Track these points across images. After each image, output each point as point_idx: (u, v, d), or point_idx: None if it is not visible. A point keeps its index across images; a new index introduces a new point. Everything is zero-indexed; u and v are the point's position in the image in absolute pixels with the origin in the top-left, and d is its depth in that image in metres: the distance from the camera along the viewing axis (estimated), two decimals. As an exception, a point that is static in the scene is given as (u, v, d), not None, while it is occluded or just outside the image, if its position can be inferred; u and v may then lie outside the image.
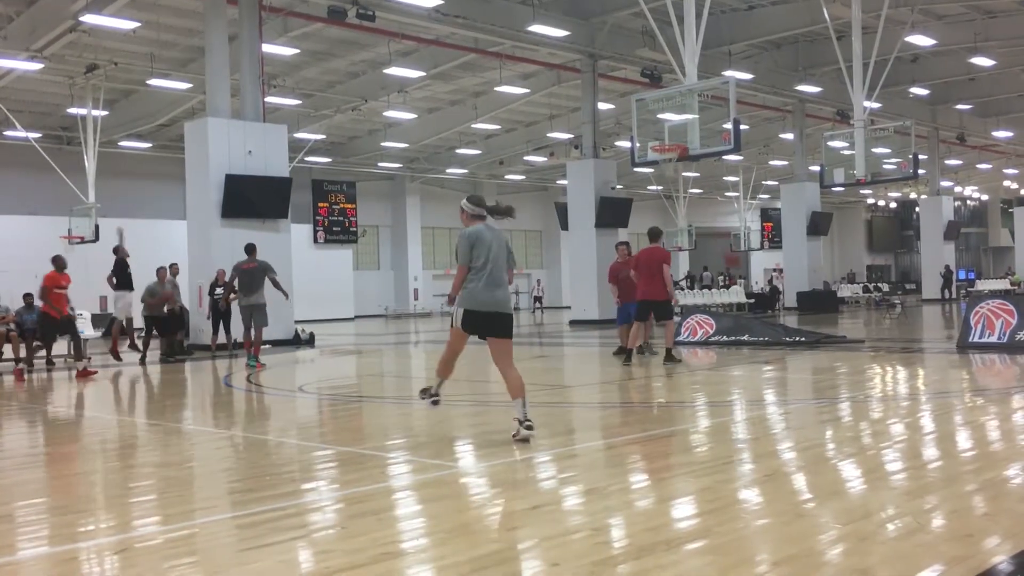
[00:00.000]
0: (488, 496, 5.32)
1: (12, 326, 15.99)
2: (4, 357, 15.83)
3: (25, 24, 21.97)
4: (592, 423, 8.43)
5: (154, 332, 16.76)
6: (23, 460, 7.25)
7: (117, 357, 16.37)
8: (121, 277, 16.28)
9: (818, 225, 34.62)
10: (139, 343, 16.48)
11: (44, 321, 14.46)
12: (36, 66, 23.43)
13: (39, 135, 28.78)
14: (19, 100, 27.15)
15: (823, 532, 4.28)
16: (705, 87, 16.73)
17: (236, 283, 14.58)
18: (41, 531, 4.80)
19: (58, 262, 14.28)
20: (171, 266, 17.42)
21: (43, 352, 15.87)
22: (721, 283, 41.64)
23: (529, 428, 6.68)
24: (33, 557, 4.32)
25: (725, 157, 32.15)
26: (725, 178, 48.84)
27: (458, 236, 6.91)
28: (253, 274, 14.33)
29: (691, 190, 47.85)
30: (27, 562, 4.23)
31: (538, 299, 44.44)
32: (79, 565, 4.19)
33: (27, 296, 16.20)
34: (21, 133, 27.07)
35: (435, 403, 7.29)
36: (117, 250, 16.74)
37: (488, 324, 6.81)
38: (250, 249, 14.52)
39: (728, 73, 24.54)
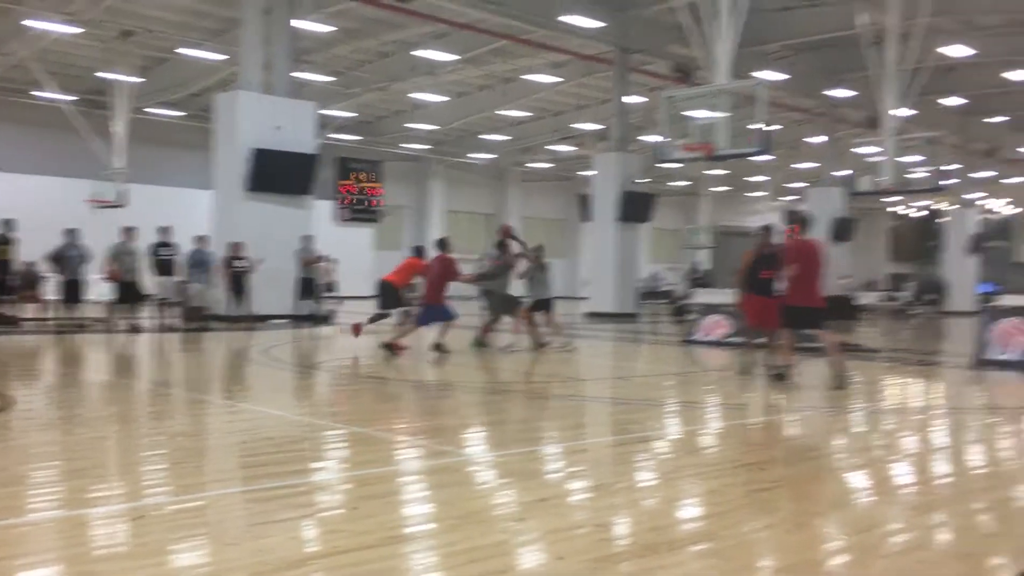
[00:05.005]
0: (496, 486, 5.37)
1: None
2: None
3: (62, -14, 22.12)
4: (603, 418, 8.46)
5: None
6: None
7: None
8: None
9: (843, 231, 34.28)
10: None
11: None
12: (73, 30, 23.59)
13: (74, 98, 28.95)
14: (54, 62, 27.33)
15: (826, 543, 4.31)
16: (736, 87, 16.53)
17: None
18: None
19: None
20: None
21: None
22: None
23: None
24: (44, 520, 4.42)
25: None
26: (749, 178, 48.56)
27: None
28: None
29: (718, 188, 47.46)
30: (37, 524, 4.32)
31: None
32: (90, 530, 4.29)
33: None
34: (53, 95, 27.23)
35: None
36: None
37: None
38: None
39: (760, 74, 24.32)
